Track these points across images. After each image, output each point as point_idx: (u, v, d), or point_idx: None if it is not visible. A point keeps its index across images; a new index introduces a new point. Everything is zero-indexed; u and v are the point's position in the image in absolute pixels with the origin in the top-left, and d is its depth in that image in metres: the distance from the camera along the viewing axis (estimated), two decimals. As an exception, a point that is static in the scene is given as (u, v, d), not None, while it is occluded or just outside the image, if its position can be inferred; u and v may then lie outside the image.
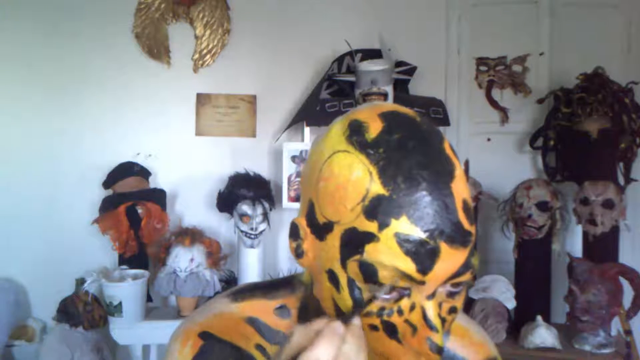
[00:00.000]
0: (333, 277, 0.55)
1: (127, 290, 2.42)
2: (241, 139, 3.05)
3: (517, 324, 2.43)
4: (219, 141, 3.05)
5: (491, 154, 2.93)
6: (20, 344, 2.73)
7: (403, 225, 0.51)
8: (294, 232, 0.61)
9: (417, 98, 2.81)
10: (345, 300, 0.54)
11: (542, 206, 2.51)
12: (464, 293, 0.57)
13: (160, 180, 3.00)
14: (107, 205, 2.73)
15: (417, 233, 0.51)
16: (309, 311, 0.64)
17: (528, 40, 2.97)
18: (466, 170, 2.54)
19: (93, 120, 3.00)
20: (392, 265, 0.51)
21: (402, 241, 0.51)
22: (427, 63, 2.92)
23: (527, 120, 2.98)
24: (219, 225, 2.94)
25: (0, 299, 2.77)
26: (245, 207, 2.60)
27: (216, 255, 2.58)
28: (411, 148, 0.53)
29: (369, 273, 0.52)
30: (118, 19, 3.00)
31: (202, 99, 3.04)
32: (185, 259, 2.52)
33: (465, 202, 0.53)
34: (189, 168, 3.03)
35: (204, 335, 0.63)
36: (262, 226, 2.61)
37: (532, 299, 2.52)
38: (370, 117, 0.56)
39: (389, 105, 0.58)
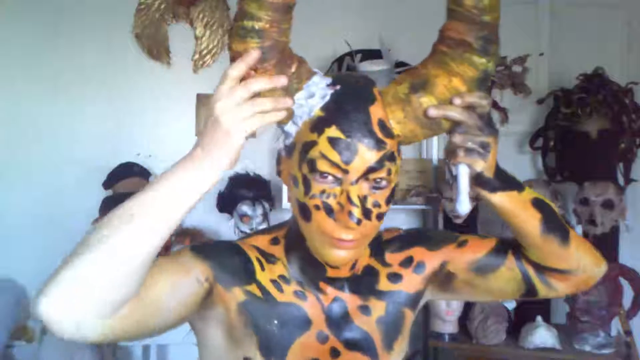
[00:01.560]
0: (294, 179, 0.79)
1: (127, 290, 2.41)
2: (241, 139, 3.04)
3: (517, 324, 2.43)
4: (219, 141, 3.05)
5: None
6: (20, 344, 2.73)
7: (333, 132, 0.74)
8: (278, 159, 0.85)
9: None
10: (300, 190, 0.77)
11: (542, 206, 2.50)
12: (385, 192, 0.77)
13: (160, 180, 3.00)
14: (108, 206, 2.72)
15: (341, 136, 0.74)
16: (293, 238, 0.85)
17: (528, 40, 2.97)
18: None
19: (93, 121, 3.01)
20: (326, 157, 0.74)
21: (332, 141, 0.74)
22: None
23: (527, 120, 2.98)
24: (219, 226, 2.94)
25: (0, 299, 2.77)
26: (245, 208, 2.61)
27: (216, 255, 2.58)
28: (343, 88, 0.77)
29: (312, 165, 0.75)
30: (118, 19, 3.00)
31: (202, 99, 3.04)
32: (185, 259, 2.52)
33: (380, 120, 0.76)
34: (189, 168, 3.03)
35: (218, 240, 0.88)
36: (262, 226, 2.61)
37: (532, 299, 2.52)
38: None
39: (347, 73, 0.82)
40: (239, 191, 2.61)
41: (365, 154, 0.74)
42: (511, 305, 2.46)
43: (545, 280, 0.87)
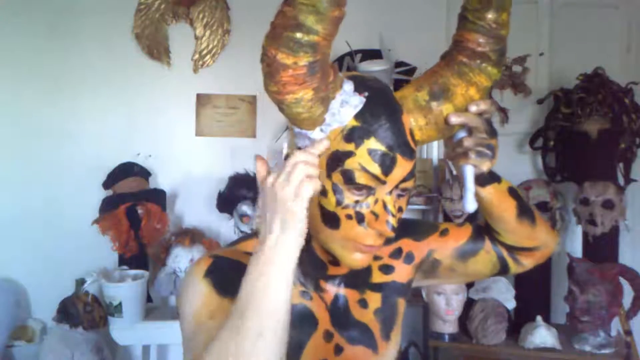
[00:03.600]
0: (322, 188, 0.76)
1: (127, 290, 2.42)
2: (241, 139, 3.05)
3: (517, 324, 2.43)
4: (219, 141, 3.05)
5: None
6: (20, 345, 2.73)
7: (372, 143, 0.75)
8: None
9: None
10: (331, 200, 0.77)
11: (542, 206, 2.51)
12: (407, 198, 0.80)
13: (160, 180, 3.00)
14: (107, 206, 2.73)
15: (382, 148, 0.75)
16: None
17: (528, 40, 2.97)
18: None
19: (93, 121, 3.01)
20: (366, 169, 0.74)
21: (372, 153, 0.74)
22: (427, 64, 2.89)
23: (527, 120, 2.98)
24: (219, 226, 2.94)
25: (0, 299, 2.77)
26: (245, 208, 2.61)
27: (216, 255, 2.58)
28: (371, 96, 0.77)
29: (349, 176, 0.75)
30: (118, 19, 3.00)
31: (202, 100, 3.04)
32: (185, 259, 2.52)
33: (410, 130, 0.78)
34: (189, 168, 3.03)
35: (214, 256, 0.83)
36: (262, 226, 2.61)
37: (532, 299, 2.52)
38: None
39: (353, 72, 0.80)
40: (239, 191, 2.61)
41: (402, 165, 0.76)
42: (511, 305, 2.46)
43: (516, 258, 0.96)
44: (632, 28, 2.93)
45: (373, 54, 2.75)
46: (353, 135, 0.75)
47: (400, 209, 0.79)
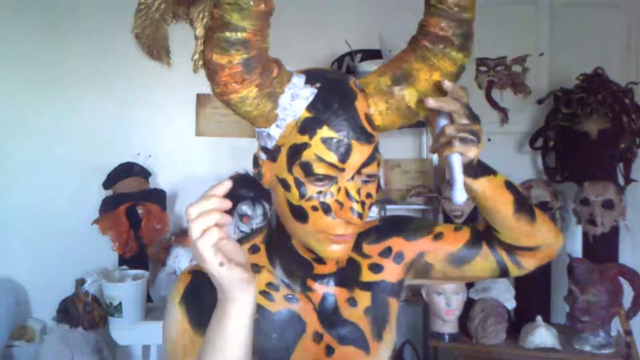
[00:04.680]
0: (284, 183, 0.78)
1: (127, 290, 2.42)
2: (241, 139, 3.05)
3: (517, 324, 2.43)
4: (219, 141, 3.05)
5: (491, 154, 2.93)
6: (20, 345, 2.73)
7: (325, 132, 0.74)
8: (255, 162, 0.83)
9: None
10: (294, 194, 0.76)
11: (542, 206, 2.51)
12: (375, 183, 0.80)
13: (160, 180, 3.00)
14: (107, 206, 2.73)
15: (335, 135, 0.74)
16: (274, 240, 0.86)
17: (528, 40, 2.97)
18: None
19: (93, 121, 3.01)
20: (322, 159, 0.74)
21: (326, 142, 0.74)
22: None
23: (527, 120, 2.98)
24: (219, 226, 2.94)
25: (0, 299, 2.77)
26: (245, 208, 2.61)
27: (216, 255, 2.58)
28: (324, 86, 0.77)
29: (307, 168, 0.75)
30: (118, 19, 3.00)
31: (202, 100, 3.04)
32: (185, 259, 2.52)
33: (366, 114, 0.77)
34: (189, 168, 3.03)
35: (193, 272, 0.84)
36: (262, 226, 2.61)
37: (532, 299, 2.52)
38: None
39: (312, 67, 0.81)
40: (239, 191, 2.61)
41: (359, 150, 0.75)
42: (511, 305, 2.46)
43: (516, 261, 0.91)
44: (632, 28, 2.93)
45: (373, 54, 2.75)
46: (306, 127, 0.75)
47: (369, 195, 0.78)
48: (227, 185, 0.71)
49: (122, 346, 2.62)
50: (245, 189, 2.60)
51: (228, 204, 0.70)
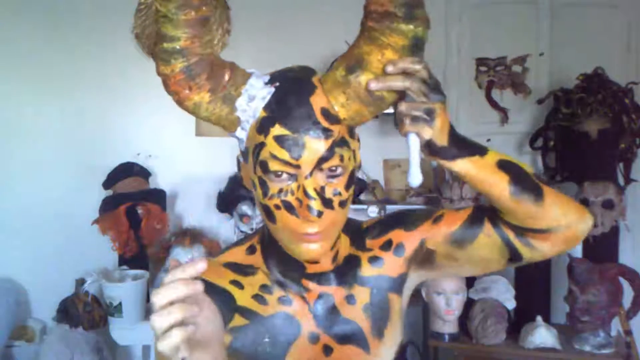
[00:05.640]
0: (253, 183, 0.79)
1: (127, 290, 2.42)
2: (241, 139, 3.05)
3: (517, 324, 2.43)
4: (219, 141, 3.04)
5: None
6: (20, 345, 2.73)
7: (277, 130, 0.74)
8: (238, 165, 0.86)
9: (417, 98, 2.80)
10: (259, 193, 0.77)
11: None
12: (343, 179, 0.77)
13: (160, 180, 3.00)
14: (107, 206, 2.73)
15: (286, 132, 0.74)
16: (268, 241, 0.86)
17: (528, 40, 2.97)
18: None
19: (93, 121, 3.01)
20: (275, 157, 0.74)
21: (278, 139, 0.74)
22: (426, 63, 2.92)
23: (527, 120, 2.98)
24: (219, 226, 2.94)
25: (0, 299, 2.77)
26: (245, 208, 2.61)
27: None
28: (282, 84, 0.77)
29: (264, 166, 0.75)
30: (118, 19, 3.00)
31: (202, 99, 3.04)
32: (185, 260, 2.52)
33: (323, 108, 0.75)
34: (189, 168, 3.03)
35: None
36: (262, 226, 2.61)
37: (532, 299, 2.52)
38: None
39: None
40: (239, 191, 2.61)
41: (314, 146, 0.74)
42: (511, 305, 2.46)
43: (527, 242, 0.83)
44: (632, 28, 2.93)
45: (373, 54, 2.74)
46: (262, 126, 0.76)
47: (337, 192, 0.76)
48: (200, 267, 0.61)
49: (122, 346, 2.62)
50: (245, 189, 2.60)
51: (198, 288, 0.61)
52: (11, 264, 2.92)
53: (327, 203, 0.75)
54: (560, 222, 0.82)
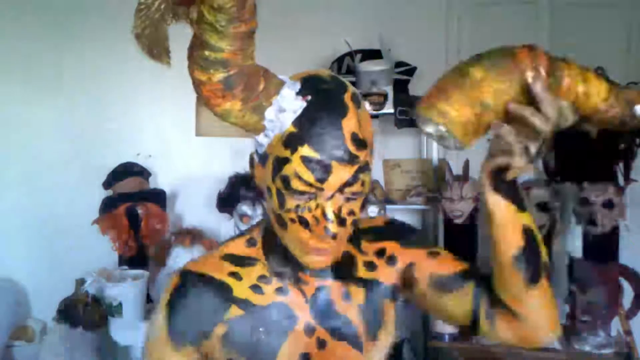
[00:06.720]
0: (269, 190, 0.79)
1: (127, 290, 2.42)
2: (241, 139, 3.04)
3: (517, 324, 2.43)
4: (219, 141, 3.05)
5: (491, 154, 2.92)
6: (20, 345, 2.74)
7: (306, 151, 0.73)
8: (251, 162, 0.84)
9: (417, 98, 2.80)
10: (275, 203, 0.77)
11: (542, 207, 2.51)
12: (359, 200, 0.78)
13: (160, 180, 3.00)
14: (107, 206, 2.73)
15: (315, 155, 0.73)
16: (269, 234, 0.86)
17: (528, 40, 2.93)
18: (466, 171, 2.54)
19: (93, 121, 3.01)
20: (300, 177, 0.73)
21: (305, 160, 0.73)
22: (427, 63, 2.92)
23: (527, 120, 2.98)
24: (219, 226, 2.94)
25: (0, 299, 2.77)
26: (245, 208, 2.60)
27: (216, 255, 2.58)
28: (314, 98, 0.75)
29: (286, 182, 0.75)
30: (118, 19, 3.00)
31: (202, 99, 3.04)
32: (185, 260, 2.51)
33: (353, 134, 0.74)
34: (189, 168, 3.03)
35: (182, 272, 0.86)
36: (262, 226, 2.61)
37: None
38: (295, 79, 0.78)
39: (313, 70, 0.80)
40: (239, 191, 2.61)
41: (340, 172, 0.74)
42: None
43: (491, 317, 0.83)
44: (632, 28, 2.93)
45: (373, 54, 2.75)
46: (290, 142, 0.74)
47: (352, 212, 0.77)
48: None
49: (122, 346, 2.62)
50: (245, 189, 2.60)
51: None
52: (11, 264, 2.92)
53: (341, 222, 0.76)
54: (534, 317, 0.81)
